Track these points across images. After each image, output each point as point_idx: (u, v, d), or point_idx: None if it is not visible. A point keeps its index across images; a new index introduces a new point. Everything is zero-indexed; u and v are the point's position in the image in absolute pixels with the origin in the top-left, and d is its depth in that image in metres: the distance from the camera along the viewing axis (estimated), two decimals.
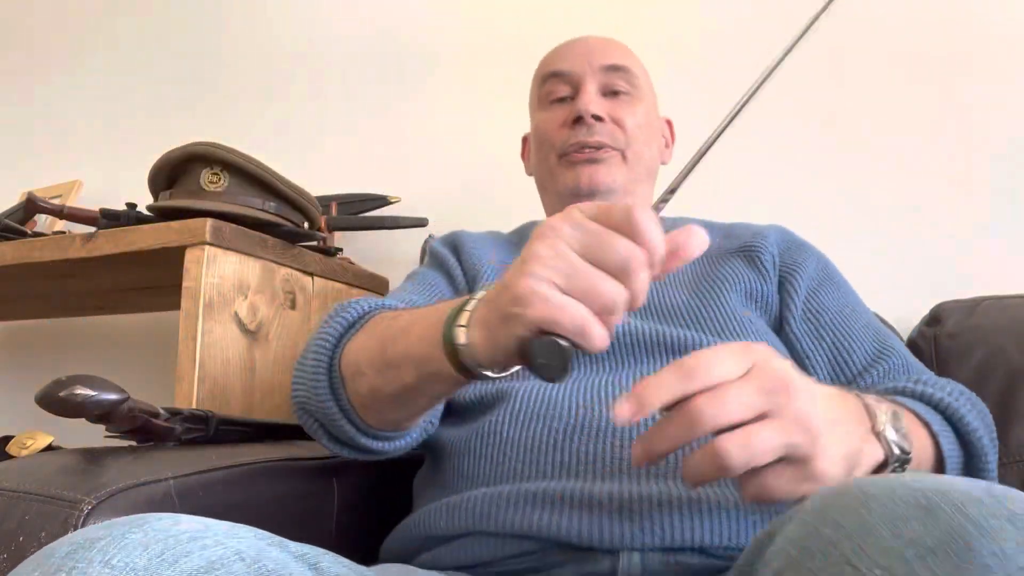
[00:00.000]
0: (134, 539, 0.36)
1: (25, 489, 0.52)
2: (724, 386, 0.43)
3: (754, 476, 0.43)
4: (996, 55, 1.13)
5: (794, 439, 0.42)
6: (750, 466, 0.42)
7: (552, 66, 0.86)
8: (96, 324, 1.64)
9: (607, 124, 0.81)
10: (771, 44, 1.26)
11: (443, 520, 0.61)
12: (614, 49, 0.86)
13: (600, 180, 0.80)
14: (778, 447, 0.42)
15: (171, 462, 0.60)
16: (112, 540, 0.36)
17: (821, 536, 0.34)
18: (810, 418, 0.43)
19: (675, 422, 0.43)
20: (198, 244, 0.90)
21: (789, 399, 0.43)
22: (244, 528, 0.42)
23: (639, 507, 0.55)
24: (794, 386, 0.44)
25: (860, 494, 0.35)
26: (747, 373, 0.44)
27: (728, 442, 0.42)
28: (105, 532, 0.37)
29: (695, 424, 0.42)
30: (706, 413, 0.42)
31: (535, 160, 0.89)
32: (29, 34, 1.89)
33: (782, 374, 0.44)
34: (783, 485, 0.43)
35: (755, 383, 0.43)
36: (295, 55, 1.58)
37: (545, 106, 0.86)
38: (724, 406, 0.42)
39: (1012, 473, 0.82)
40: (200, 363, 0.87)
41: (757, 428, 0.42)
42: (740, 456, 0.42)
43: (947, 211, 1.11)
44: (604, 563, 0.55)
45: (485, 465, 0.64)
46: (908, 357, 0.73)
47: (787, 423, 0.42)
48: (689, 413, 0.42)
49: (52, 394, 0.54)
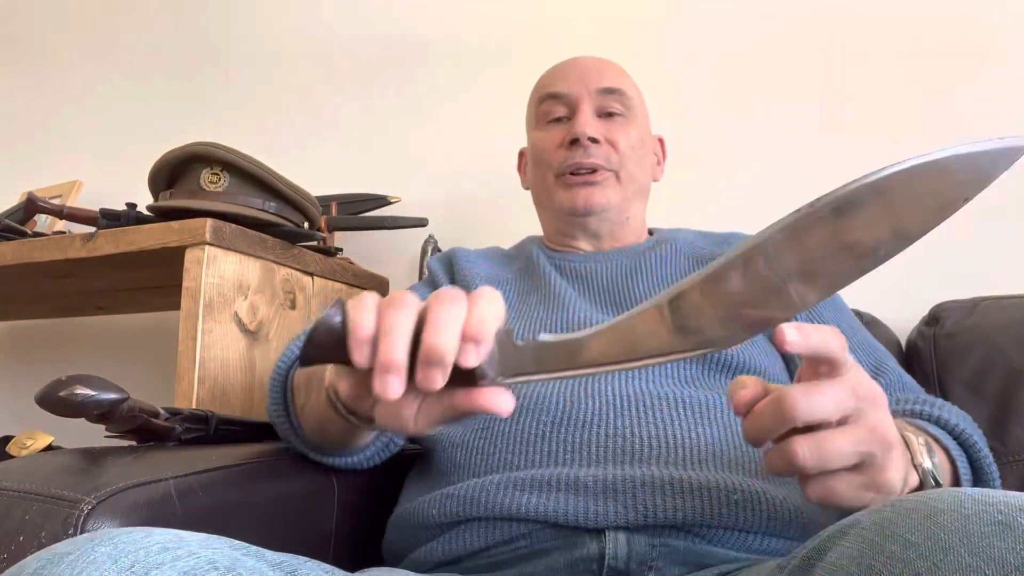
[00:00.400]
0: (103, 553, 0.36)
1: (25, 489, 0.52)
2: (822, 383, 0.43)
3: (822, 478, 0.43)
4: (995, 54, 1.13)
5: (872, 448, 0.43)
6: (822, 469, 0.42)
7: (549, 87, 0.88)
8: (96, 324, 1.64)
9: (602, 146, 0.83)
10: (761, 55, 1.27)
11: (435, 510, 0.63)
12: (609, 71, 0.88)
13: (595, 201, 0.83)
14: (852, 454, 0.42)
15: (171, 462, 0.61)
16: (81, 555, 0.36)
17: (887, 553, 0.33)
18: (887, 429, 0.44)
19: (769, 408, 0.43)
20: (198, 244, 0.90)
21: (874, 408, 0.44)
22: (219, 539, 0.42)
23: (622, 487, 0.57)
24: (881, 397, 0.45)
25: (927, 509, 0.34)
26: (843, 376, 0.44)
27: (801, 444, 0.42)
28: (73, 547, 0.36)
29: (786, 413, 0.42)
30: (800, 405, 0.41)
31: (532, 177, 0.91)
32: (29, 34, 1.89)
33: (871, 383, 0.45)
34: (849, 491, 0.43)
35: (848, 385, 0.43)
36: (296, 55, 1.58)
37: (542, 125, 0.88)
38: (817, 401, 0.42)
39: (1012, 473, 0.82)
40: (200, 363, 0.87)
41: (832, 435, 0.42)
42: (811, 459, 0.42)
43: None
44: (592, 547, 0.56)
45: (476, 456, 0.66)
46: (903, 376, 0.75)
47: (866, 432, 0.43)
48: (782, 402, 0.42)
49: (52, 394, 0.54)
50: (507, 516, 0.59)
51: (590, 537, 0.57)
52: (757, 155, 1.22)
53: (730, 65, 1.26)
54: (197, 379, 0.87)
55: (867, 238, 0.41)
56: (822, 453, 0.42)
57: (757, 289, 0.41)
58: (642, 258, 0.83)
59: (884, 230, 0.41)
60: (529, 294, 0.82)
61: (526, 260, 0.89)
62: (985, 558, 0.30)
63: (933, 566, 0.31)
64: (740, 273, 0.41)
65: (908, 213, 0.42)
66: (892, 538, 0.33)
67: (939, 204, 0.42)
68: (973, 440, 0.59)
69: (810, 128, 1.20)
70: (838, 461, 0.42)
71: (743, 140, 1.23)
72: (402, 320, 0.40)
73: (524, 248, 0.93)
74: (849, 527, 0.37)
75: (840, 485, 0.43)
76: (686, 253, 0.84)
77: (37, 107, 1.84)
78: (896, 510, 0.35)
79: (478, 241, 1.09)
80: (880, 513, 0.36)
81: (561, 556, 0.57)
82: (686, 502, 0.56)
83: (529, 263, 0.87)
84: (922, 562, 0.31)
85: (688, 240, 0.86)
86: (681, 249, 0.84)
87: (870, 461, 0.43)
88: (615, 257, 0.85)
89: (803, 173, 1.19)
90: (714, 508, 0.56)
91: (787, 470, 0.43)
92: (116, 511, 0.51)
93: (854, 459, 0.43)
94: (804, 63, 1.22)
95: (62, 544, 0.37)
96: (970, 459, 0.59)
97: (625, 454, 0.61)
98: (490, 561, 0.60)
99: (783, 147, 1.21)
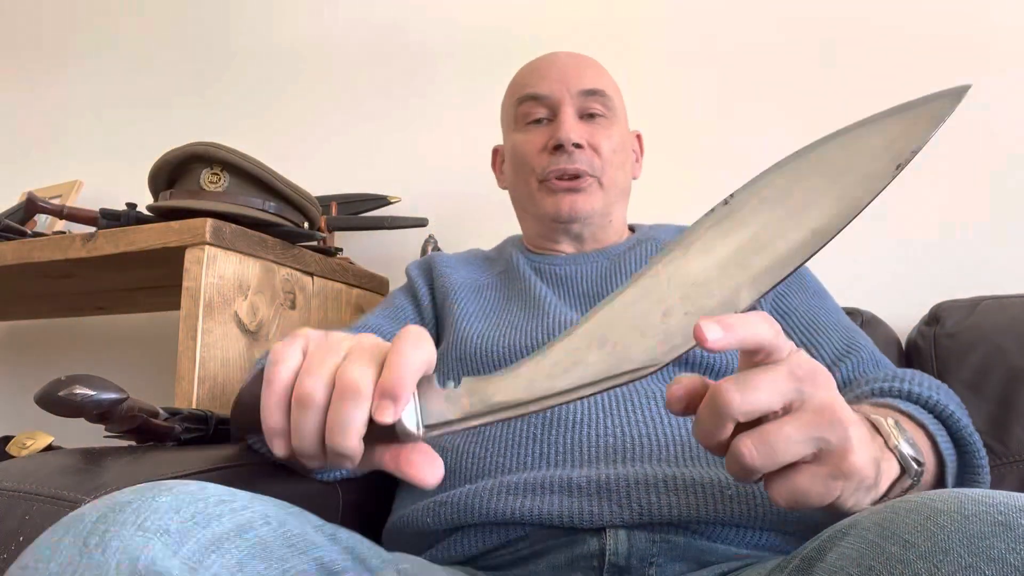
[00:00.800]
0: (164, 502, 0.36)
1: (25, 489, 0.52)
2: (755, 371, 0.40)
3: (782, 477, 0.40)
4: (996, 54, 1.13)
5: (823, 432, 0.39)
6: (775, 466, 0.39)
7: (528, 88, 0.87)
8: (96, 324, 1.64)
9: (585, 151, 0.83)
10: (756, 53, 1.27)
11: (430, 518, 0.62)
12: (589, 71, 0.87)
13: (580, 208, 0.83)
14: (803, 442, 0.39)
15: (171, 462, 0.60)
16: (144, 503, 0.36)
17: (886, 554, 0.32)
18: (837, 408, 0.40)
19: (706, 407, 0.40)
20: (198, 244, 0.90)
21: (816, 388, 0.40)
22: (264, 498, 0.43)
23: (617, 487, 0.56)
24: (825, 376, 0.41)
25: (927, 509, 0.33)
26: (780, 360, 0.41)
27: (746, 442, 0.39)
28: (134, 496, 0.37)
29: (721, 409, 0.39)
30: (733, 397, 0.39)
31: (512, 179, 0.91)
32: (29, 34, 1.89)
33: (811, 363, 0.41)
34: (815, 485, 0.40)
35: (785, 369, 0.40)
36: (296, 55, 1.58)
37: (522, 127, 0.87)
38: (752, 391, 0.39)
39: (1012, 473, 0.82)
40: (200, 363, 0.87)
41: (777, 425, 0.39)
42: (760, 455, 0.39)
43: (947, 211, 1.11)
44: (592, 543, 0.56)
45: (467, 460, 0.66)
46: (876, 354, 0.72)
47: (812, 416, 0.40)
48: (716, 397, 0.39)
49: (51, 394, 0.53)
50: (503, 521, 0.58)
51: (590, 535, 0.56)
52: (751, 154, 1.22)
53: (727, 64, 1.26)
54: (197, 379, 0.87)
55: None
56: (769, 446, 0.39)
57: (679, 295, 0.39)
58: (622, 259, 0.83)
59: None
60: (510, 299, 0.82)
61: (506, 263, 0.89)
62: (985, 559, 0.30)
63: (933, 567, 0.30)
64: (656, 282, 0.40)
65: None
66: (892, 539, 0.33)
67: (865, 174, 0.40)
68: (950, 411, 0.56)
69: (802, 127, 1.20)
70: (789, 452, 0.39)
71: (738, 138, 1.23)
72: (316, 396, 0.41)
73: (504, 250, 0.93)
74: (849, 528, 0.37)
75: (803, 480, 0.40)
76: None
77: (37, 107, 1.84)
78: (896, 511, 0.34)
79: (478, 241, 1.09)
80: (880, 514, 0.35)
81: (562, 554, 0.57)
82: (680, 499, 0.56)
83: (509, 266, 0.87)
84: (922, 563, 0.31)
85: (668, 239, 0.86)
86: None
87: (827, 448, 0.40)
88: (594, 259, 0.85)
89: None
90: (709, 504, 0.56)
91: (742, 473, 0.40)
92: None
93: (807, 447, 0.39)
94: (800, 62, 1.22)
95: (121, 493, 0.38)
96: (950, 432, 0.56)
97: (617, 453, 0.60)
98: (492, 563, 0.60)
99: (776, 146, 1.21)
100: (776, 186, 0.41)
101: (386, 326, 0.82)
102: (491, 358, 0.74)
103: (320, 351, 0.43)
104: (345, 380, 0.40)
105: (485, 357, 0.74)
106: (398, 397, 0.39)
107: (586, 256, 0.86)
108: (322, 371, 0.41)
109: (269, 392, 0.43)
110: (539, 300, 0.79)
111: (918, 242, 1.11)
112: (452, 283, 0.85)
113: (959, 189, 1.10)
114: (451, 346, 0.77)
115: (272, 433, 0.43)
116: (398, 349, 0.40)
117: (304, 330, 0.46)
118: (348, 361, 0.41)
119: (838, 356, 0.71)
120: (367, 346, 0.43)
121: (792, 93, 1.22)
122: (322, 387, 0.41)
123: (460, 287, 0.85)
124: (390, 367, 0.40)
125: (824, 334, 0.73)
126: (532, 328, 0.75)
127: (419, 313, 0.86)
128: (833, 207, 0.40)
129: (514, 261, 0.87)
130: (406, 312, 0.86)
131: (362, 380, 0.40)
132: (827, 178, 0.40)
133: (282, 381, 0.43)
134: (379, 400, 0.40)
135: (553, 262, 0.86)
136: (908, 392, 0.58)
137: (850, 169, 0.40)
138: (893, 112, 0.41)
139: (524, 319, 0.77)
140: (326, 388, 0.41)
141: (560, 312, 0.77)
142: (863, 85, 1.18)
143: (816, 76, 1.21)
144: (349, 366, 0.41)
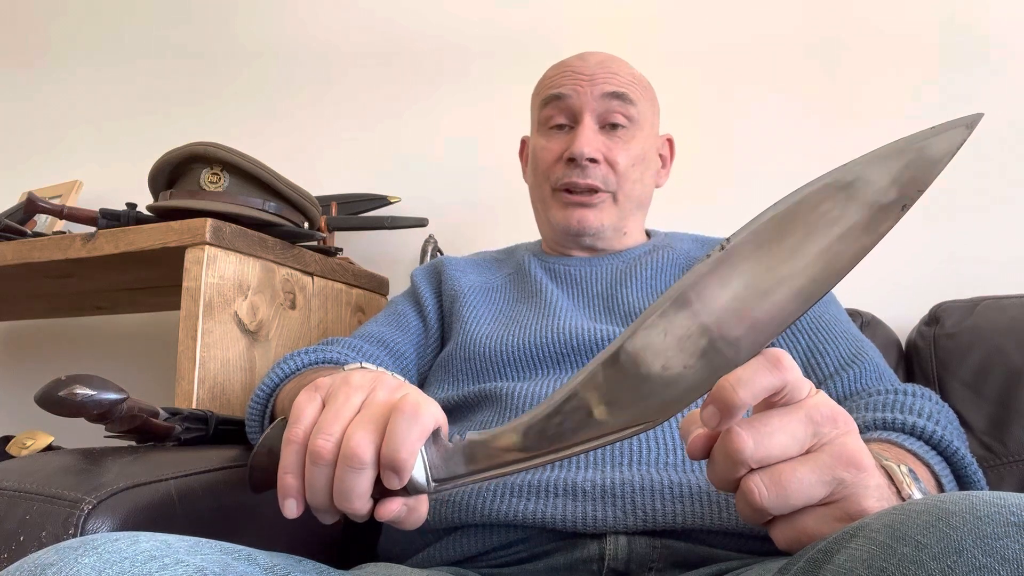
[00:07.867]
0: (87, 564, 0.34)
1: (26, 489, 0.52)
2: (771, 414, 0.39)
3: (790, 520, 0.39)
4: (997, 54, 1.13)
5: (839, 473, 0.38)
6: (787, 509, 0.38)
7: (553, 88, 0.85)
8: (96, 324, 1.64)
9: (601, 166, 0.82)
10: (760, 54, 1.27)
11: (430, 517, 0.62)
12: (616, 72, 0.84)
13: (590, 223, 0.83)
14: (818, 484, 0.38)
15: (171, 462, 0.61)
16: (64, 565, 0.34)
17: (898, 555, 0.32)
18: (857, 453, 0.39)
19: (719, 452, 0.39)
20: (198, 244, 0.90)
21: (836, 430, 0.39)
22: (209, 543, 0.41)
23: (621, 492, 0.56)
24: (846, 420, 0.40)
25: (939, 511, 0.32)
26: (797, 403, 0.40)
27: (757, 481, 0.38)
28: (56, 557, 0.35)
29: (734, 456, 0.38)
30: (746, 444, 0.38)
31: (531, 180, 0.91)
32: (29, 33, 1.89)
33: (832, 406, 0.40)
34: (821, 528, 0.39)
35: (803, 413, 0.39)
36: (296, 56, 1.58)
37: (544, 131, 0.86)
38: (767, 437, 0.38)
39: (1012, 473, 0.82)
40: (200, 363, 0.87)
41: (792, 466, 0.38)
42: (771, 497, 0.38)
43: (947, 211, 1.11)
44: (592, 548, 0.56)
45: None
46: (881, 365, 0.72)
47: (830, 458, 0.39)
48: (730, 443, 0.38)
49: (51, 394, 0.53)
50: (505, 522, 0.58)
51: (591, 540, 0.56)
52: (754, 156, 1.22)
53: (730, 64, 1.26)
54: (197, 379, 0.87)
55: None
56: (782, 488, 0.38)
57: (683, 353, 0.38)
58: (636, 264, 0.83)
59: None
60: (519, 300, 0.82)
61: (516, 265, 0.89)
62: (999, 559, 0.29)
63: (947, 567, 0.30)
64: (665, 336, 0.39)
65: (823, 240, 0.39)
66: (903, 540, 0.32)
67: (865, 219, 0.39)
68: (955, 448, 0.56)
69: (813, 119, 1.20)
70: (803, 496, 0.38)
71: (740, 140, 1.23)
72: (321, 471, 0.42)
73: (513, 252, 0.93)
74: (857, 530, 0.36)
75: (810, 522, 0.39)
76: (682, 264, 0.83)
77: (37, 107, 1.84)
78: (906, 513, 0.34)
79: (478, 241, 1.10)
80: (889, 516, 0.34)
81: (562, 557, 0.57)
82: (686, 507, 0.55)
83: (520, 268, 0.88)
84: (935, 563, 0.30)
85: (684, 249, 0.86)
86: (677, 259, 0.83)
87: (841, 490, 0.39)
88: (609, 262, 0.85)
89: (806, 164, 1.19)
90: (714, 512, 0.55)
91: (753, 515, 0.39)
92: (116, 511, 0.51)
93: (822, 490, 0.38)
94: (805, 63, 1.22)
95: (43, 553, 0.36)
96: (954, 469, 0.56)
97: (623, 457, 0.60)
98: (489, 564, 0.60)
99: (781, 148, 1.21)
100: (772, 229, 0.39)
101: (389, 334, 0.83)
102: (499, 358, 0.74)
103: (334, 405, 0.44)
104: (349, 448, 0.41)
105: (493, 356, 0.74)
106: (399, 471, 0.41)
107: (599, 259, 0.86)
108: (334, 429, 0.42)
109: (287, 451, 0.44)
110: (549, 301, 0.79)
111: (918, 242, 1.11)
112: (461, 286, 0.86)
113: (959, 189, 1.10)
114: (459, 347, 0.78)
115: (285, 493, 0.44)
116: (396, 425, 0.41)
117: (322, 380, 0.46)
118: (355, 424, 0.42)
119: (842, 364, 0.71)
120: (379, 401, 0.43)
121: (793, 93, 1.22)
122: (332, 447, 0.42)
123: (470, 290, 0.85)
124: (390, 441, 0.41)
125: (831, 341, 0.73)
126: (541, 328, 0.75)
127: (423, 320, 0.87)
128: (831, 259, 0.39)
129: (525, 263, 0.87)
130: (409, 319, 0.87)
131: (366, 449, 0.41)
132: (827, 223, 0.39)
133: (299, 442, 0.44)
134: (383, 470, 0.41)
135: (567, 263, 0.86)
136: (912, 426, 0.57)
137: (854, 210, 0.38)
138: (899, 146, 0.39)
139: (533, 319, 0.77)
140: (336, 447, 0.42)
141: (570, 313, 0.77)
142: (864, 85, 1.18)
143: (816, 76, 1.21)
144: (355, 431, 0.42)
